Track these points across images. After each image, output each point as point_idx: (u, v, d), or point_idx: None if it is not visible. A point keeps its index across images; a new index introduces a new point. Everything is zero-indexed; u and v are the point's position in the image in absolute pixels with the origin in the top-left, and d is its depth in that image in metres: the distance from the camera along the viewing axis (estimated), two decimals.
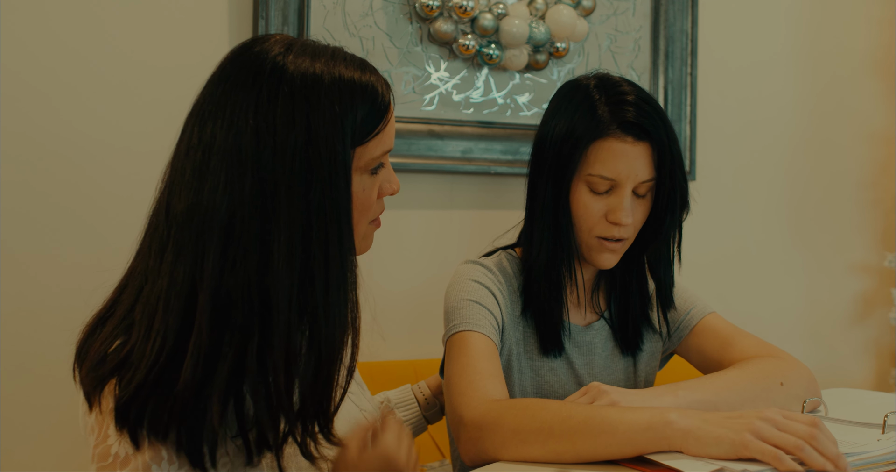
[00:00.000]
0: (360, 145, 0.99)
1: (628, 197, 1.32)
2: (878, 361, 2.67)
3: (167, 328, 0.91)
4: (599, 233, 1.35)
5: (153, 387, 0.90)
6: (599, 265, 1.38)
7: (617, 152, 1.31)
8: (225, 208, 0.92)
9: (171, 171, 0.98)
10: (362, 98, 0.99)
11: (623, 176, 1.31)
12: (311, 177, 0.94)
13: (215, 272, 0.91)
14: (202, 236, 0.92)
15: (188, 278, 0.92)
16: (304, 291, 0.94)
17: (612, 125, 1.31)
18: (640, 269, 1.45)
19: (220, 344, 0.91)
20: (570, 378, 1.42)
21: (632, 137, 1.30)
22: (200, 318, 0.91)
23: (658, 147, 1.32)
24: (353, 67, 1.00)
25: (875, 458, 1.01)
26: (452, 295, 1.37)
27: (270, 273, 0.92)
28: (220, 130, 0.94)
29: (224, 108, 0.95)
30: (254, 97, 0.94)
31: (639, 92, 1.35)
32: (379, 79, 1.02)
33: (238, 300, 0.91)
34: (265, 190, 0.93)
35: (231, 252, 0.92)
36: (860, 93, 2.62)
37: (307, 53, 0.99)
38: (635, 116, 1.30)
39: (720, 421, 1.03)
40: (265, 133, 0.93)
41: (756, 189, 2.48)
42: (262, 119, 0.94)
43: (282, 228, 0.93)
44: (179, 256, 0.93)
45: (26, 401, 1.67)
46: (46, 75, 1.69)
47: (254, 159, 0.93)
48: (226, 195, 0.93)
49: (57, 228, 1.70)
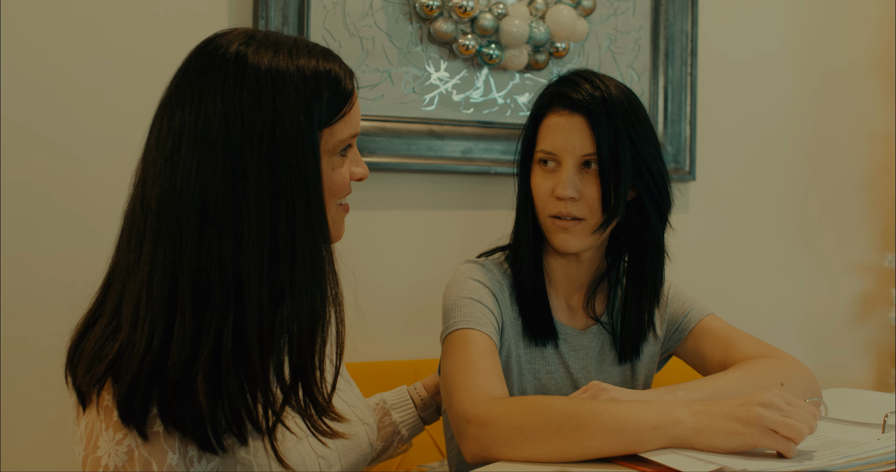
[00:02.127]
0: (326, 127, 1.02)
1: (569, 170, 1.34)
2: (878, 361, 2.67)
3: (153, 316, 0.93)
4: (551, 211, 1.37)
5: (150, 375, 0.92)
6: (558, 247, 1.38)
7: (553, 126, 1.36)
8: (198, 192, 0.95)
9: (143, 164, 1.00)
10: (326, 83, 1.01)
11: (560, 148, 1.35)
12: (279, 157, 0.96)
13: (193, 255, 0.93)
14: (178, 221, 0.94)
15: (168, 264, 0.94)
16: (273, 269, 0.96)
17: (553, 101, 1.37)
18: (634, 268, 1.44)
19: (201, 325, 0.93)
20: (566, 382, 1.42)
21: (567, 110, 1.35)
22: (182, 301, 0.93)
23: (593, 119, 1.33)
24: (316, 56, 1.03)
25: (875, 458, 1.01)
26: (452, 293, 1.36)
27: (242, 253, 0.94)
28: (188, 117, 0.97)
29: (191, 96, 0.98)
30: (220, 84, 0.97)
31: (594, 76, 1.38)
32: (341, 66, 1.05)
33: (215, 281, 0.93)
34: (235, 172, 0.95)
35: (206, 235, 0.94)
36: (860, 93, 2.62)
37: (269, 43, 1.02)
38: (572, 91, 1.35)
39: (727, 413, 1.04)
40: (233, 116, 0.96)
41: (756, 189, 2.48)
42: (229, 103, 0.96)
43: (252, 209, 0.95)
44: (157, 244, 0.95)
45: (26, 401, 1.67)
46: (46, 76, 1.69)
47: (223, 143, 0.95)
48: (198, 179, 0.95)
49: (57, 227, 1.70)
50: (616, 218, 1.37)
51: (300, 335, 0.97)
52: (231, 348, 0.93)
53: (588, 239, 1.37)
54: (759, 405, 1.03)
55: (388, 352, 1.99)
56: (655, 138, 1.39)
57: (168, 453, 0.94)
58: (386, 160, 1.94)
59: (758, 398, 1.05)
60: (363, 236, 1.96)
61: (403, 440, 1.48)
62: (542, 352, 1.41)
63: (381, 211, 1.99)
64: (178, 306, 0.93)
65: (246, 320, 0.94)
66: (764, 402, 1.03)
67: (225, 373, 0.93)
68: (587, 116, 1.34)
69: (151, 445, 0.93)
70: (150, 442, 0.93)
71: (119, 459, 0.93)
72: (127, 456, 0.93)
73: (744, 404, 1.04)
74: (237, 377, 0.94)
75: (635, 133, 1.35)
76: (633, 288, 1.43)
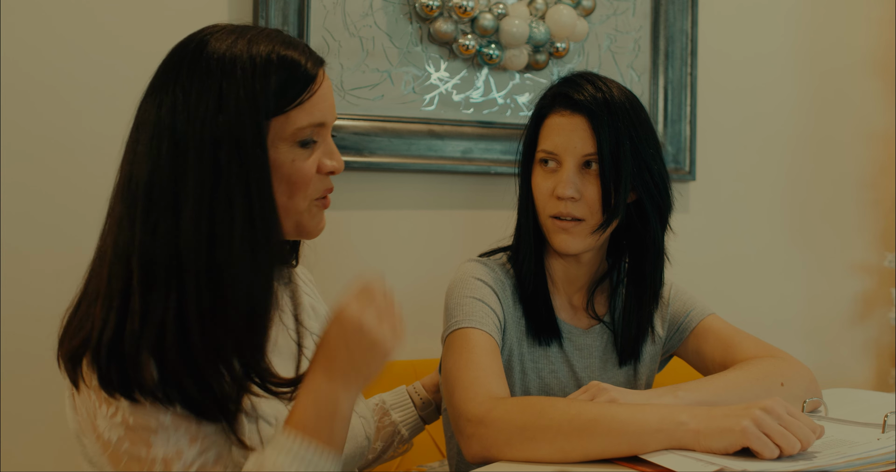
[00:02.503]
0: (279, 114, 1.02)
1: (570, 170, 1.35)
2: (878, 361, 2.67)
3: (111, 292, 0.97)
4: (551, 211, 1.37)
5: (110, 348, 0.95)
6: (558, 248, 1.38)
7: (554, 126, 1.37)
8: (146, 175, 0.99)
9: (122, 155, 1.06)
10: (278, 68, 1.02)
11: (561, 148, 1.35)
12: (219, 143, 0.98)
13: (142, 236, 0.97)
14: (133, 204, 0.98)
15: (125, 245, 0.98)
16: (210, 252, 0.97)
17: (555, 102, 1.38)
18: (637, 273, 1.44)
19: (148, 303, 0.96)
20: (570, 380, 1.42)
21: (568, 110, 1.36)
22: (133, 280, 0.96)
23: (594, 119, 1.33)
24: (278, 43, 1.04)
25: (875, 458, 1.01)
26: (455, 292, 1.37)
27: (182, 234, 0.97)
28: (150, 107, 1.02)
29: (155, 88, 1.03)
30: (176, 75, 1.01)
31: (596, 77, 1.38)
32: (303, 52, 1.05)
33: (159, 261, 0.96)
34: (178, 155, 0.98)
35: (152, 216, 0.97)
36: (860, 93, 2.62)
37: (235, 33, 1.04)
38: (574, 92, 1.36)
39: (727, 414, 1.05)
40: (181, 104, 0.99)
41: (756, 189, 2.48)
42: (180, 92, 1.00)
43: (190, 192, 0.97)
44: (119, 226, 0.99)
45: (26, 401, 1.67)
46: (45, 76, 1.69)
47: (170, 127, 0.99)
48: (147, 163, 0.99)
49: (57, 226, 1.70)
50: (616, 219, 1.37)
51: (237, 319, 0.98)
52: (175, 327, 0.96)
53: (588, 240, 1.37)
54: (760, 408, 1.04)
55: None
56: (657, 141, 1.40)
57: (160, 412, 0.95)
58: (386, 160, 1.94)
59: (761, 403, 1.05)
60: (363, 236, 1.96)
61: (404, 440, 1.48)
62: (546, 351, 1.41)
63: (381, 211, 1.99)
64: (131, 285, 0.96)
65: (187, 300, 0.96)
66: (765, 407, 1.04)
67: (168, 350, 0.95)
68: (588, 117, 1.34)
69: (142, 407, 0.95)
70: (140, 405, 0.95)
71: (116, 432, 0.96)
72: (123, 427, 0.96)
73: (745, 407, 1.05)
74: (181, 356, 0.95)
75: (636, 134, 1.35)
76: (634, 290, 1.43)
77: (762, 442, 1.01)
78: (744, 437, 1.01)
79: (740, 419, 1.02)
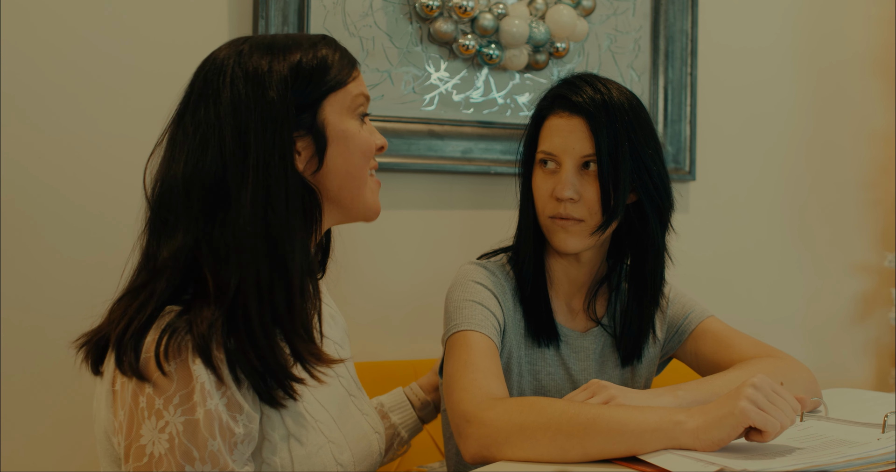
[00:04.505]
0: (340, 89, 1.09)
1: (568, 171, 1.35)
2: (878, 361, 2.67)
3: (170, 290, 1.01)
4: (550, 212, 1.38)
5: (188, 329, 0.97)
6: (558, 247, 1.39)
7: (554, 128, 1.38)
8: (197, 172, 1.03)
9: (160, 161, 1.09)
10: (335, 50, 1.12)
11: (559, 150, 1.36)
12: (260, 129, 1.03)
13: (206, 228, 1.01)
14: (188, 203, 1.03)
15: (187, 243, 1.02)
16: (268, 230, 1.02)
17: (554, 103, 1.39)
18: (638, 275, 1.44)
19: (220, 287, 1.00)
20: (566, 383, 1.43)
21: (567, 112, 1.36)
22: (204, 272, 1.01)
23: (592, 121, 1.34)
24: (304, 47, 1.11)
25: (875, 458, 1.01)
26: (454, 295, 1.37)
27: (242, 219, 1.01)
28: (192, 113, 1.07)
29: (197, 96, 1.08)
30: (219, 81, 1.06)
31: (596, 79, 1.39)
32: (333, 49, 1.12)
33: (230, 248, 1.01)
34: (236, 147, 1.03)
35: (218, 208, 1.02)
36: (860, 93, 2.62)
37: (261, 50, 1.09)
38: (573, 94, 1.36)
39: (718, 403, 1.07)
40: (227, 103, 1.04)
41: (756, 189, 2.48)
42: (227, 91, 1.05)
43: (248, 180, 1.01)
44: (174, 226, 1.03)
45: (26, 401, 1.67)
46: (46, 76, 1.69)
47: (217, 126, 1.03)
48: (198, 161, 1.03)
49: (58, 225, 1.70)
50: (615, 219, 1.37)
51: (246, 297, 0.99)
52: (241, 304, 0.99)
53: (587, 240, 1.37)
54: (750, 386, 1.06)
55: (389, 352, 1.99)
56: (657, 142, 1.40)
57: (210, 436, 0.96)
58: (386, 160, 1.94)
59: (748, 381, 1.07)
60: (363, 236, 1.96)
61: (403, 441, 1.49)
62: (543, 353, 1.41)
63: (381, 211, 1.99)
64: (201, 280, 1.01)
65: (249, 278, 1.00)
66: (754, 384, 1.06)
67: (237, 327, 0.99)
68: (586, 118, 1.35)
69: (194, 427, 0.95)
70: (194, 426, 0.96)
71: (160, 447, 0.95)
72: (169, 444, 0.95)
73: (735, 389, 1.07)
74: (247, 334, 0.99)
75: (635, 136, 1.35)
76: (634, 291, 1.43)
77: (763, 418, 1.03)
78: (744, 417, 1.03)
79: (736, 402, 1.04)
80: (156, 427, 0.95)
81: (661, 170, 1.39)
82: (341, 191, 1.11)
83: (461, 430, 1.17)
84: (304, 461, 1.06)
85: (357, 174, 1.12)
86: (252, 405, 1.01)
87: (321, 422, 1.10)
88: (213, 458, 0.95)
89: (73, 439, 1.70)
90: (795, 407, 1.08)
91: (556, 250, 1.40)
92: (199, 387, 0.95)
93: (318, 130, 1.07)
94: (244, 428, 0.99)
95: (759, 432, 1.04)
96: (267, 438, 1.03)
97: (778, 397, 1.06)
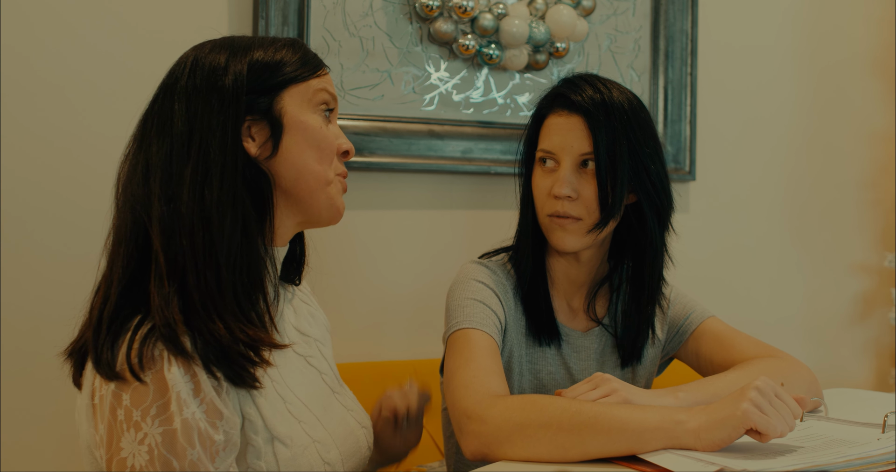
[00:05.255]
0: (301, 82, 1.11)
1: (565, 169, 1.36)
2: (878, 361, 2.67)
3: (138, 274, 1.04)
4: (548, 210, 1.38)
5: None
6: (556, 245, 1.39)
7: (553, 126, 1.38)
8: (158, 163, 1.07)
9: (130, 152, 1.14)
10: (291, 47, 1.13)
11: (558, 148, 1.37)
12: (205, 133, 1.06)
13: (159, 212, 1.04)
14: (147, 187, 1.06)
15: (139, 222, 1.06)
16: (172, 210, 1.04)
17: (554, 102, 1.39)
18: (637, 276, 1.44)
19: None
20: (567, 382, 1.43)
21: (566, 110, 1.37)
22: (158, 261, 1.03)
23: (590, 120, 1.35)
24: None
25: (875, 458, 1.01)
26: (456, 294, 1.37)
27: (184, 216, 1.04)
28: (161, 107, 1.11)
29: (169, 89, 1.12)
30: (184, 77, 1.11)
31: (597, 79, 1.40)
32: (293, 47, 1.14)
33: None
34: (186, 147, 1.06)
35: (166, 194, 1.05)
36: (860, 93, 2.62)
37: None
38: (573, 92, 1.37)
39: (720, 404, 1.06)
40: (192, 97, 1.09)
41: (756, 189, 2.48)
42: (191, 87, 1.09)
43: (187, 179, 1.05)
44: (134, 206, 1.08)
45: (26, 401, 1.67)
46: (42, 77, 1.69)
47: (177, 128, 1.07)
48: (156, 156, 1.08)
49: (58, 225, 1.70)
50: (612, 218, 1.37)
51: (186, 273, 1.01)
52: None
53: (585, 238, 1.37)
54: (753, 389, 1.05)
55: (389, 352, 1.99)
56: (657, 143, 1.40)
57: (189, 445, 0.96)
58: (386, 160, 1.94)
59: (751, 384, 1.07)
60: (363, 236, 1.96)
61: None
62: (544, 352, 1.42)
63: (381, 211, 1.99)
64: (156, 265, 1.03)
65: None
66: (757, 387, 1.06)
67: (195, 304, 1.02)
68: (585, 117, 1.35)
69: (172, 438, 0.95)
70: (172, 437, 0.95)
71: (140, 459, 0.95)
72: (148, 455, 0.95)
73: (738, 391, 1.07)
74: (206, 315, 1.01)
75: (633, 135, 1.35)
76: (633, 292, 1.44)
77: (765, 421, 1.03)
78: (746, 419, 1.03)
79: (739, 404, 1.04)
80: (135, 439, 0.94)
81: (661, 170, 1.39)
82: (297, 183, 1.11)
83: (462, 427, 1.17)
84: (290, 463, 1.06)
85: (313, 168, 1.11)
86: (232, 411, 1.00)
87: (305, 422, 1.10)
88: (193, 467, 0.95)
89: (73, 440, 1.70)
90: (797, 412, 1.08)
91: (555, 248, 1.40)
92: (174, 396, 0.95)
93: (273, 116, 1.09)
94: (225, 435, 0.98)
95: (758, 433, 1.04)
96: (250, 442, 1.03)
97: (780, 401, 1.06)
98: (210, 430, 0.97)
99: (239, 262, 1.04)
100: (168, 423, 0.94)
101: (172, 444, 0.94)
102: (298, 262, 1.24)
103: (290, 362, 1.14)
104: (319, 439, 1.11)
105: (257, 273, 1.07)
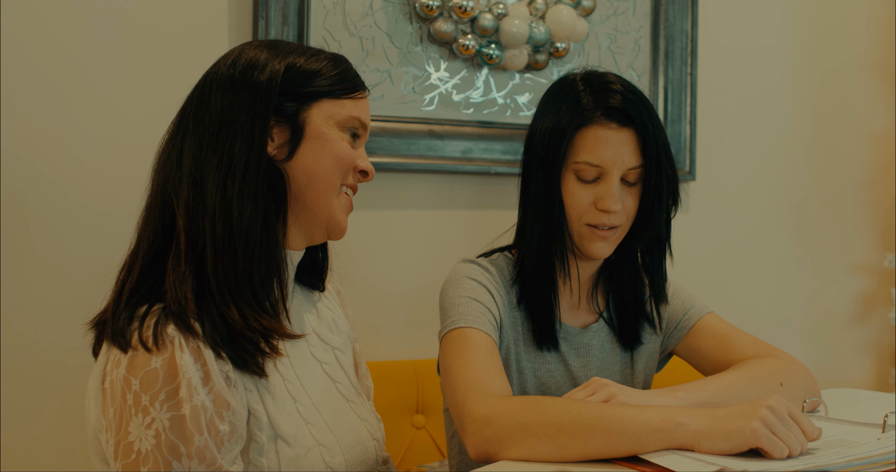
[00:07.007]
0: (335, 98, 1.13)
1: (616, 184, 1.34)
2: (878, 361, 2.67)
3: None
4: (589, 220, 1.36)
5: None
6: (592, 255, 1.38)
7: (601, 139, 1.34)
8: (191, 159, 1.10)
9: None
10: (334, 61, 1.15)
11: (609, 162, 1.34)
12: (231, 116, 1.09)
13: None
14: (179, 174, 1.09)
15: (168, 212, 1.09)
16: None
17: (597, 112, 1.34)
18: (634, 262, 1.45)
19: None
20: (566, 380, 1.43)
21: (616, 123, 1.34)
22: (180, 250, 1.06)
23: (643, 133, 1.34)
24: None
25: (875, 458, 1.01)
26: (449, 292, 1.37)
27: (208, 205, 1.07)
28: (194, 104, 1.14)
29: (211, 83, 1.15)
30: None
31: (623, 82, 1.38)
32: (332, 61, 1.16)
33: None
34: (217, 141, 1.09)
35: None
36: (860, 93, 2.62)
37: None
38: (619, 103, 1.34)
39: (728, 415, 1.04)
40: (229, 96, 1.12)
41: (756, 189, 2.48)
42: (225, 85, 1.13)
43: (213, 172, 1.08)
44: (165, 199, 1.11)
45: (26, 401, 1.67)
46: (45, 76, 1.69)
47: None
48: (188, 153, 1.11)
49: (58, 226, 1.70)
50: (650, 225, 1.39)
51: (206, 255, 1.05)
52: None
53: (616, 244, 1.40)
54: (766, 408, 1.03)
55: (389, 352, 1.99)
56: (667, 139, 1.41)
57: (196, 432, 0.97)
58: (386, 160, 1.94)
59: (764, 402, 1.05)
60: (363, 236, 1.96)
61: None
62: (543, 351, 1.42)
63: (381, 211, 1.99)
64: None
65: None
66: (771, 406, 1.04)
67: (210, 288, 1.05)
68: (637, 130, 1.34)
69: (180, 423, 0.97)
70: (180, 421, 0.97)
71: (147, 443, 0.96)
72: (155, 441, 0.96)
73: (751, 407, 1.05)
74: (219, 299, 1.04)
75: (665, 140, 1.37)
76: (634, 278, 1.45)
77: (773, 443, 1.01)
78: (754, 438, 1.01)
79: (749, 420, 1.02)
80: (143, 424, 0.96)
81: (673, 164, 1.41)
82: (306, 189, 1.12)
83: (466, 428, 1.17)
84: (292, 463, 1.06)
85: (325, 177, 1.12)
86: (239, 403, 1.01)
87: (312, 425, 1.11)
88: (200, 454, 0.96)
89: (73, 439, 1.70)
90: (812, 434, 1.05)
91: (587, 255, 1.39)
92: (185, 383, 0.96)
93: (297, 123, 1.10)
94: (231, 426, 0.99)
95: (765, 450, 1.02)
96: (254, 438, 1.04)
97: (793, 423, 1.04)
98: (216, 419, 0.98)
99: (257, 253, 1.05)
100: (177, 409, 0.96)
101: (181, 429, 0.96)
102: (321, 267, 1.26)
103: (306, 365, 1.15)
104: (325, 443, 1.11)
105: (275, 266, 1.09)
